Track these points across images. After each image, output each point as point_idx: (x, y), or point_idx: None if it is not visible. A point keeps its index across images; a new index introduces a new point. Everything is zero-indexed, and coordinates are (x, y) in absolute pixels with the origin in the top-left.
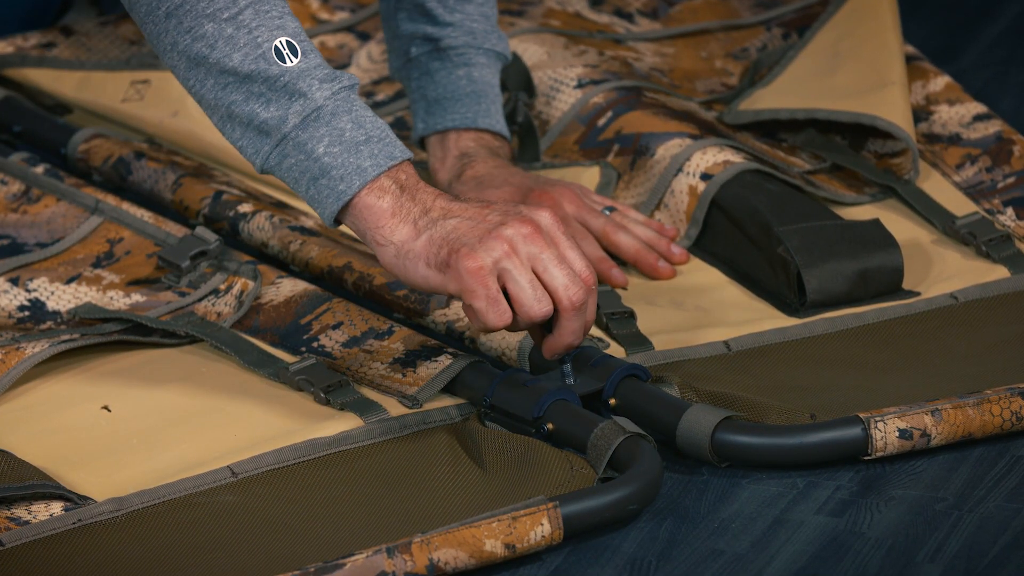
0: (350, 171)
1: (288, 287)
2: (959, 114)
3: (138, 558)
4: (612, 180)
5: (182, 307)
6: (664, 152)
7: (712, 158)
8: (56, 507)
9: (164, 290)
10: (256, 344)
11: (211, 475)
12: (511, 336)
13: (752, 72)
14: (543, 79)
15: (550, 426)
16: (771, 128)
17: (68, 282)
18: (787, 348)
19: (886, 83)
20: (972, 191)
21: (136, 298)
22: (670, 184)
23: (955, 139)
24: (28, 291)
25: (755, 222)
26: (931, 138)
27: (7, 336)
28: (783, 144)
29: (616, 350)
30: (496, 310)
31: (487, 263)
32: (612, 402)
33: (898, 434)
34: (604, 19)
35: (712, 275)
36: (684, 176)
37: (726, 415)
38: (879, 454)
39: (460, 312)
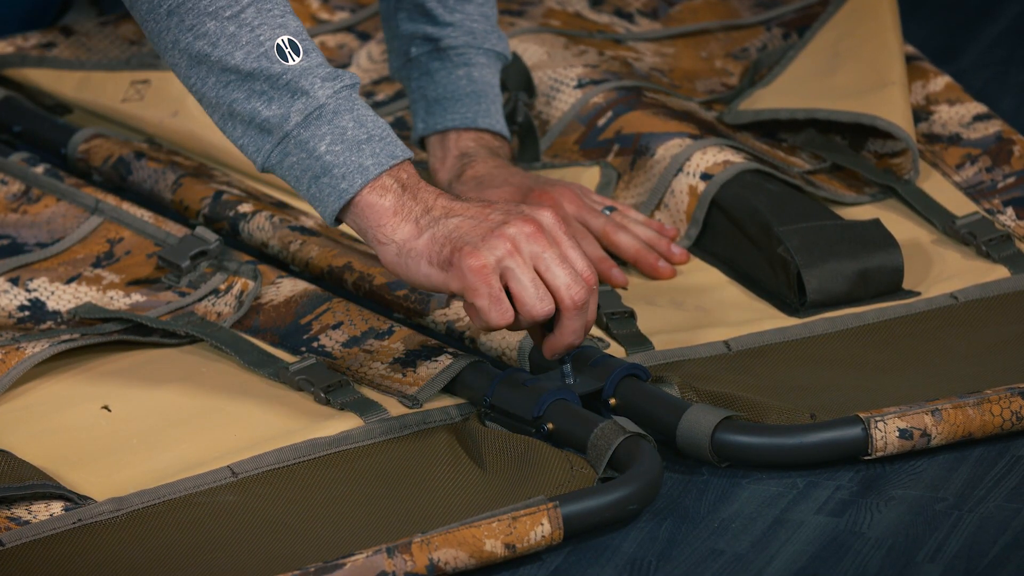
0: (352, 169)
1: (288, 287)
2: (959, 114)
3: (138, 558)
4: (612, 180)
5: (182, 307)
6: (664, 152)
7: (712, 158)
8: (56, 507)
9: (164, 290)
10: (256, 344)
11: (211, 475)
12: (511, 336)
13: (752, 72)
14: (543, 79)
15: (550, 426)
16: (771, 128)
17: (68, 282)
18: (787, 348)
19: (886, 83)
20: (972, 191)
21: (136, 298)
22: (670, 184)
23: (955, 139)
24: (28, 291)
25: (755, 222)
26: (931, 138)
27: (7, 336)
28: (783, 144)
29: (616, 350)
30: (498, 308)
31: (490, 261)
32: (612, 402)
33: (898, 434)
34: (604, 19)
35: (712, 275)
36: (684, 176)
37: (726, 415)
38: (879, 454)
39: (460, 312)
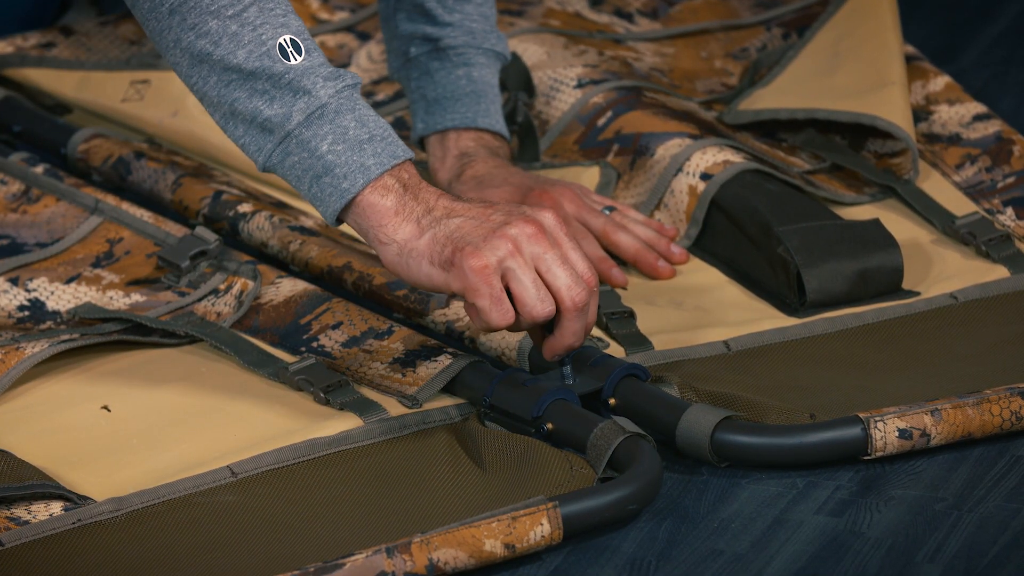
0: (354, 169)
1: (288, 287)
2: (959, 114)
3: (138, 558)
4: (612, 180)
5: (182, 307)
6: (664, 152)
7: (712, 158)
8: (56, 507)
9: (164, 290)
10: (256, 344)
11: (211, 475)
12: (511, 336)
13: (752, 72)
14: (543, 79)
15: (549, 426)
16: (771, 128)
17: (68, 282)
18: (787, 348)
19: (886, 83)
20: (972, 191)
21: (136, 298)
22: (670, 184)
23: (955, 139)
24: (28, 291)
25: (755, 222)
26: (931, 138)
27: (7, 336)
28: (783, 144)
29: (616, 350)
30: (499, 309)
31: (492, 262)
32: (611, 402)
33: (898, 434)
34: (604, 19)
35: (712, 275)
36: (684, 176)
37: (726, 415)
38: (879, 454)
39: (460, 312)
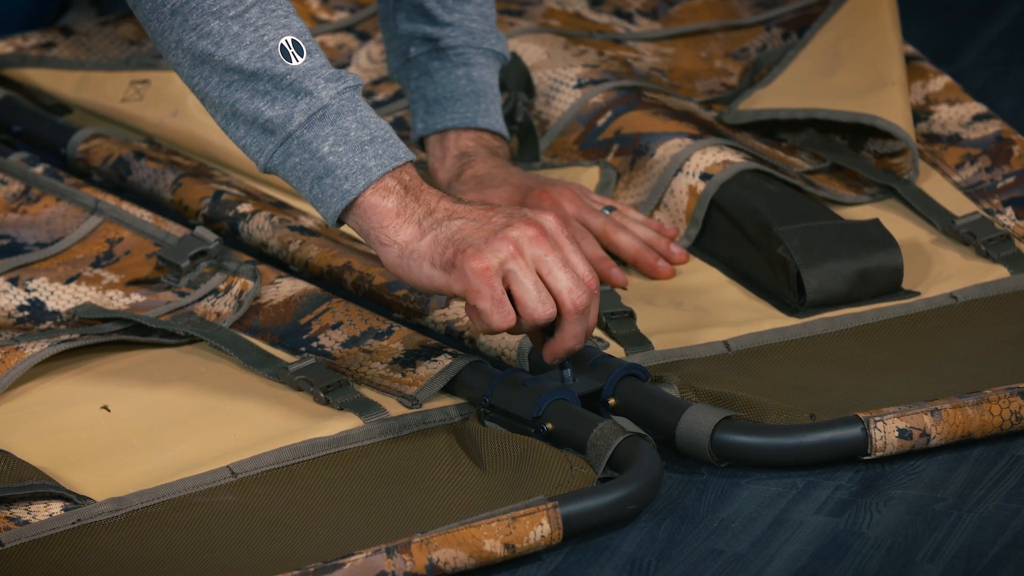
0: (355, 170)
1: (287, 287)
2: (959, 114)
3: (138, 558)
4: (612, 180)
5: (181, 307)
6: (664, 152)
7: (712, 158)
8: (55, 507)
9: (164, 290)
10: (256, 344)
11: (211, 475)
12: (510, 336)
13: (752, 72)
14: (543, 79)
15: (549, 426)
16: (771, 128)
17: (68, 282)
18: (787, 348)
19: (886, 83)
20: (972, 191)
21: (136, 298)
22: (670, 184)
23: (955, 139)
24: (28, 291)
25: (755, 222)
26: (931, 138)
27: (7, 336)
28: (783, 144)
29: (616, 350)
30: (501, 311)
31: (493, 264)
32: (611, 402)
33: (897, 434)
34: (604, 19)
35: (712, 275)
36: (684, 176)
37: (725, 415)
38: (878, 454)
39: (460, 312)
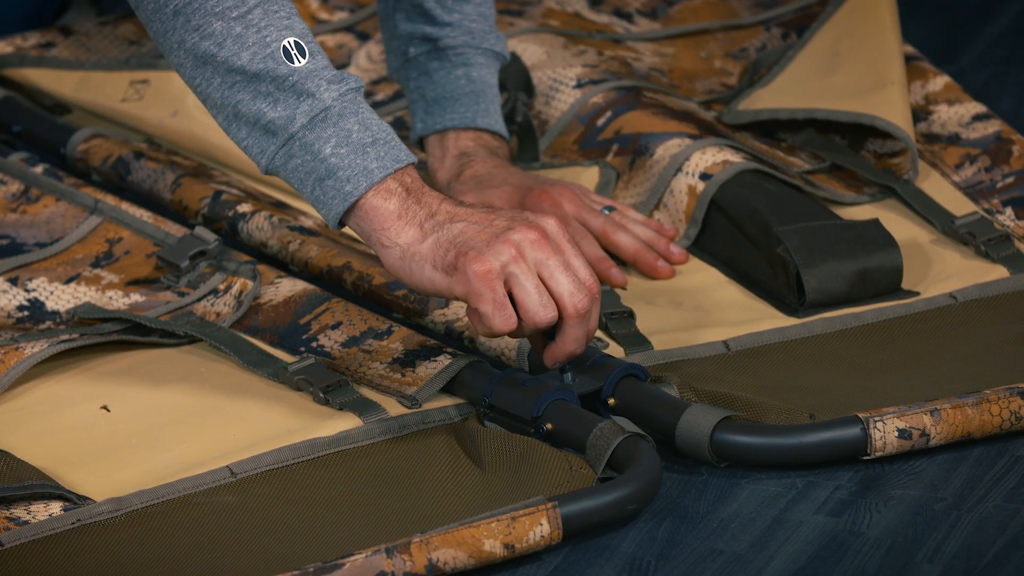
0: (357, 172)
1: (287, 287)
2: (958, 114)
3: (137, 558)
4: (611, 180)
5: (181, 307)
6: (663, 152)
7: (711, 158)
8: (55, 507)
9: (163, 290)
10: (255, 344)
11: (210, 475)
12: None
13: (751, 72)
14: (542, 79)
15: (549, 426)
16: (770, 128)
17: (67, 282)
18: (786, 348)
19: (885, 83)
20: (971, 191)
21: (135, 298)
22: (669, 184)
23: (954, 139)
24: (27, 291)
25: (754, 222)
26: (930, 138)
27: (6, 336)
28: (782, 144)
29: (615, 350)
30: (502, 314)
31: (495, 267)
32: (611, 402)
33: (897, 434)
34: (603, 19)
35: (711, 275)
36: (683, 176)
37: (725, 415)
38: (878, 454)
39: (459, 312)
